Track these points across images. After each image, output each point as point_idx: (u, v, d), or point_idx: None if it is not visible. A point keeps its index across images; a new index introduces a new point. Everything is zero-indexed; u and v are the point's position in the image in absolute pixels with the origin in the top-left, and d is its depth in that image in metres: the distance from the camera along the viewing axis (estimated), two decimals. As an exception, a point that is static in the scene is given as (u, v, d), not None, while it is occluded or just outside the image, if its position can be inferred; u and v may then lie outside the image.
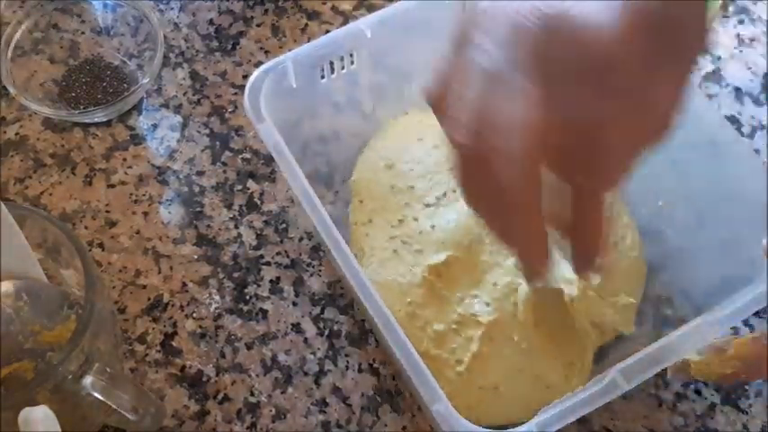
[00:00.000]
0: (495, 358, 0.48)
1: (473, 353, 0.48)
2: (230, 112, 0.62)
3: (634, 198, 0.54)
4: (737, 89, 0.62)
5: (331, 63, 0.51)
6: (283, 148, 0.47)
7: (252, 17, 0.66)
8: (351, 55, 0.52)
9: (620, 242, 0.52)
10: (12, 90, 0.59)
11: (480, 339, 0.48)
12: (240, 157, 0.60)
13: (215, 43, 0.65)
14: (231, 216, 0.58)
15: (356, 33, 0.50)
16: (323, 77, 0.52)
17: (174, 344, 0.54)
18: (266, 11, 0.67)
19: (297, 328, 0.54)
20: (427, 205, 0.52)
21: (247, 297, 0.55)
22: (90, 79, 0.62)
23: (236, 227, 0.58)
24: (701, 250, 0.50)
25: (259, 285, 0.56)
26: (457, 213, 0.51)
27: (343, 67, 0.52)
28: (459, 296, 0.49)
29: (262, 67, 0.50)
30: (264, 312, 0.55)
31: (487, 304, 0.49)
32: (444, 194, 0.52)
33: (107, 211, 0.58)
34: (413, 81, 0.55)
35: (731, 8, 0.66)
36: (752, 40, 0.66)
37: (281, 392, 0.52)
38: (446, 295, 0.50)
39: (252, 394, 0.52)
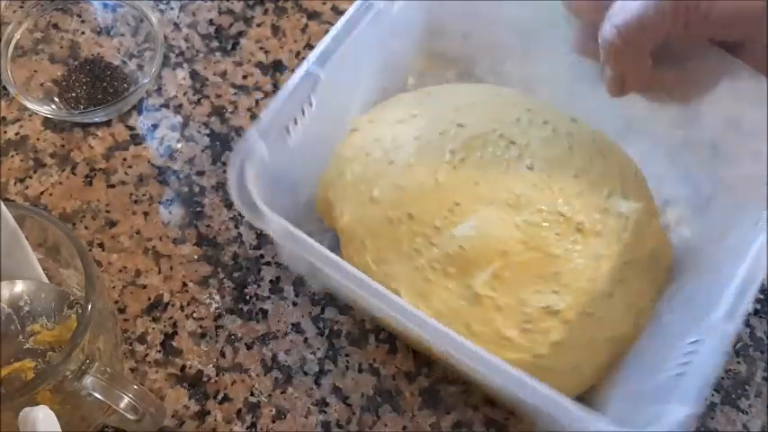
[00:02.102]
0: (576, 339, 0.47)
1: (552, 342, 0.46)
2: (230, 113, 0.62)
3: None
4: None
5: (294, 118, 0.46)
6: (298, 235, 0.42)
7: (252, 17, 0.67)
8: (310, 101, 0.47)
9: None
10: (12, 90, 0.59)
11: (558, 327, 0.47)
12: (240, 157, 0.60)
13: (215, 43, 0.65)
14: (231, 216, 0.58)
15: (313, 77, 0.46)
16: (288, 133, 0.47)
17: (174, 344, 0.54)
18: (266, 11, 0.67)
19: (297, 327, 0.55)
20: (437, 228, 0.48)
21: (247, 297, 0.55)
22: (90, 79, 0.62)
23: (237, 227, 0.58)
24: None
25: (259, 285, 0.56)
26: (476, 224, 0.48)
27: (304, 113, 0.47)
28: (523, 297, 0.47)
29: (235, 153, 0.43)
30: (265, 312, 0.55)
31: (556, 292, 0.47)
32: (450, 210, 0.49)
33: (107, 211, 0.58)
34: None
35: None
36: (752, 40, 0.66)
37: (282, 392, 0.52)
38: (508, 302, 0.47)
39: (252, 394, 0.52)
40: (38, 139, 0.61)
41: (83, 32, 0.64)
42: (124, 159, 0.60)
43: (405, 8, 0.51)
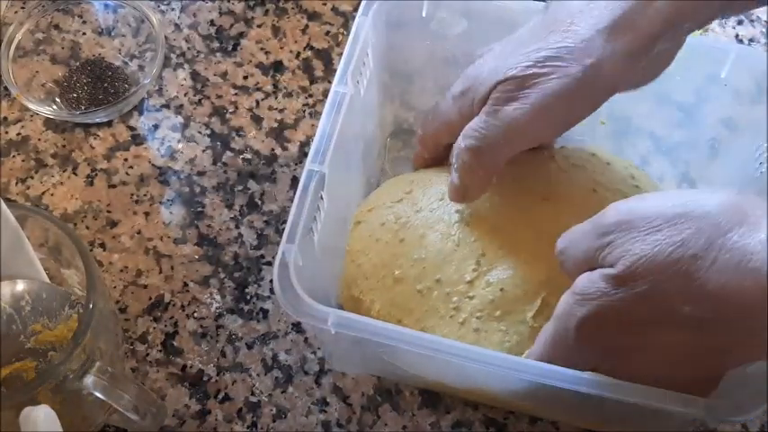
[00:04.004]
0: None
1: None
2: (231, 113, 0.62)
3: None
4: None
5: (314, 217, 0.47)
6: (358, 320, 0.43)
7: (252, 18, 0.67)
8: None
9: None
10: (13, 90, 0.59)
11: None
12: (241, 157, 0.61)
13: (216, 44, 0.65)
14: (232, 216, 0.58)
15: (319, 176, 0.47)
16: (312, 233, 0.47)
17: (175, 343, 0.54)
18: (267, 11, 0.67)
19: (297, 327, 0.55)
20: (470, 282, 0.48)
21: (248, 297, 0.56)
22: (91, 80, 0.62)
23: (237, 227, 0.58)
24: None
25: (260, 285, 0.56)
26: (509, 265, 0.48)
27: (320, 210, 0.48)
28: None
29: (277, 266, 0.44)
30: (265, 312, 0.55)
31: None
32: (477, 263, 0.48)
33: (108, 211, 0.58)
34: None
35: (731, 9, 0.66)
36: (751, 40, 0.66)
37: (282, 392, 0.53)
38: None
39: (252, 393, 0.53)
40: (39, 140, 0.61)
41: (84, 33, 0.64)
42: (125, 160, 0.61)
43: (368, 90, 0.53)
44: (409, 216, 0.51)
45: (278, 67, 0.64)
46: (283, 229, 0.57)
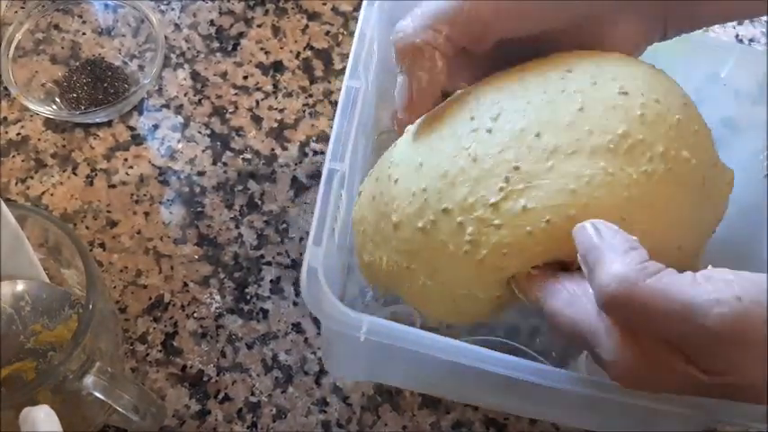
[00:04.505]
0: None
1: None
2: (231, 113, 0.62)
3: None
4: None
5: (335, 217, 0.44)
6: (393, 326, 0.40)
7: (252, 18, 0.67)
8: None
9: None
10: (13, 90, 0.59)
11: None
12: (241, 157, 0.61)
13: (216, 44, 0.65)
14: (232, 216, 0.58)
15: (340, 174, 0.44)
16: (333, 233, 0.44)
17: (174, 343, 0.54)
18: (267, 11, 0.67)
19: (297, 327, 0.55)
20: (494, 206, 0.37)
21: (248, 297, 0.56)
22: (91, 80, 0.62)
23: (237, 227, 0.58)
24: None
25: (260, 285, 0.56)
26: (565, 183, 0.37)
27: (339, 209, 0.45)
28: None
29: (305, 272, 0.41)
30: (265, 312, 0.55)
31: None
32: (506, 180, 0.37)
33: (108, 211, 0.58)
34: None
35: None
36: (751, 41, 0.66)
37: (282, 392, 0.53)
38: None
39: (252, 394, 0.53)
40: (39, 140, 0.61)
41: (84, 33, 0.64)
42: (125, 160, 0.61)
43: (373, 85, 0.51)
44: (402, 151, 0.42)
45: (278, 67, 0.64)
46: (284, 230, 0.58)
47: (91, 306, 0.43)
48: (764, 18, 0.67)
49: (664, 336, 0.32)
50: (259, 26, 0.66)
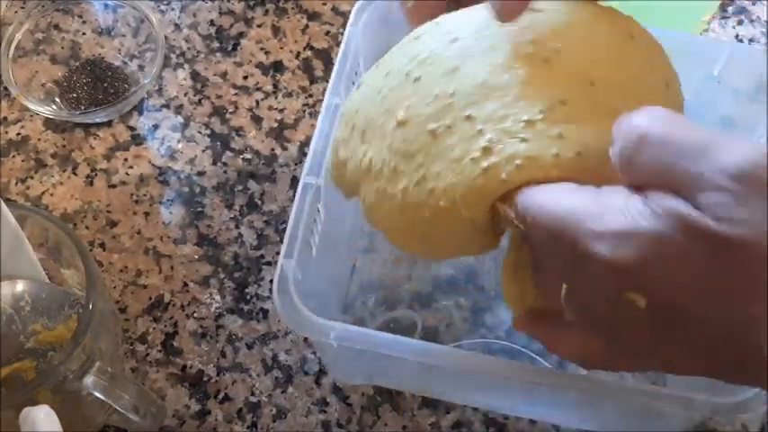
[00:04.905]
0: None
1: None
2: (231, 113, 0.62)
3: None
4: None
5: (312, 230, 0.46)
6: (363, 331, 0.42)
7: (252, 18, 0.67)
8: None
9: None
10: (13, 90, 0.59)
11: None
12: (241, 157, 0.61)
13: (216, 44, 0.65)
14: (232, 216, 0.58)
15: (314, 188, 0.45)
16: (311, 246, 0.46)
17: (174, 343, 0.54)
18: (267, 11, 0.67)
19: (297, 327, 0.55)
20: (530, 122, 0.35)
21: (248, 297, 0.56)
22: (91, 80, 0.62)
23: (237, 227, 0.58)
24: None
25: (260, 285, 0.56)
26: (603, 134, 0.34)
27: (317, 222, 0.46)
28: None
29: (277, 282, 0.43)
30: (265, 312, 0.55)
31: None
32: (551, 108, 0.35)
33: (108, 212, 0.58)
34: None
35: (730, 8, 0.66)
36: (751, 40, 0.66)
37: (282, 392, 0.53)
38: None
39: (252, 394, 0.53)
40: (39, 140, 0.61)
41: (84, 33, 0.64)
42: (125, 160, 0.61)
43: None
44: (432, 50, 0.38)
45: (278, 67, 0.64)
46: (283, 230, 0.58)
47: (91, 306, 0.43)
48: (764, 18, 0.67)
49: None
50: (259, 26, 0.66)
